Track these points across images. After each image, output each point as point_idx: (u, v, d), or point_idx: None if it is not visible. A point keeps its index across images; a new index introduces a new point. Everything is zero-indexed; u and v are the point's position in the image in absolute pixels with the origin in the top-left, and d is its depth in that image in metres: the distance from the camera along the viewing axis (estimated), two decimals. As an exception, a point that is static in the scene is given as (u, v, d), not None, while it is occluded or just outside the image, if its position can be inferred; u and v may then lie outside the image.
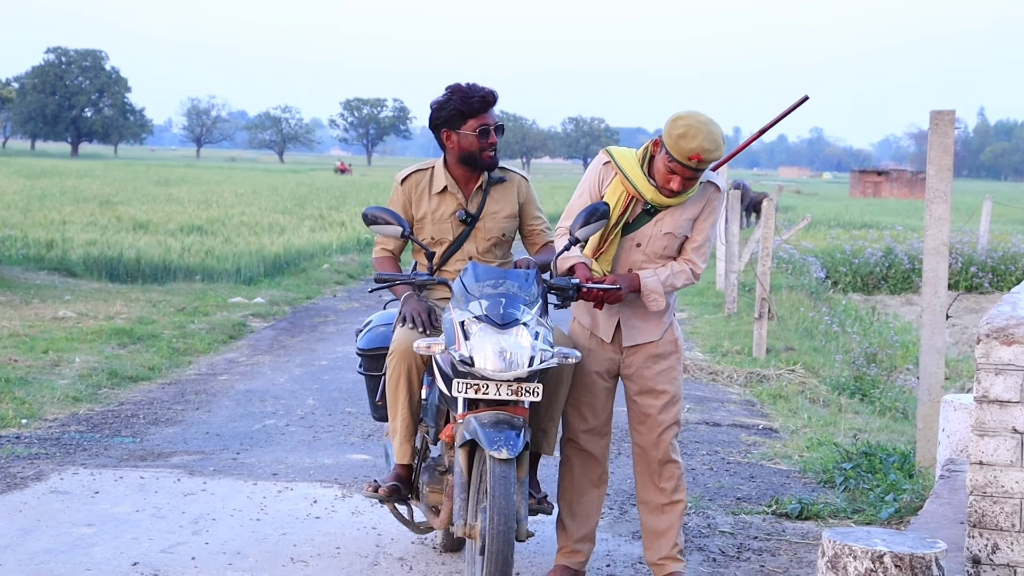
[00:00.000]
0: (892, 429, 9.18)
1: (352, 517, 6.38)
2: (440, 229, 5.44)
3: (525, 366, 4.59)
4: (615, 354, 5.23)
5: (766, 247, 13.27)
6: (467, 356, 4.60)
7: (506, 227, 5.48)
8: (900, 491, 6.77)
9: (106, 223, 24.04)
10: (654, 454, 5.24)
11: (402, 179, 5.51)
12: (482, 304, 4.71)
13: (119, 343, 11.71)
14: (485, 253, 5.46)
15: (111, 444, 7.93)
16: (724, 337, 13.90)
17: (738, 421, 9.44)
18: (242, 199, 35.98)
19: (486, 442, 4.49)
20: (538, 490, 5.29)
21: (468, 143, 5.33)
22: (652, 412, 5.21)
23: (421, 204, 5.46)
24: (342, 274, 19.86)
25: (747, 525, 6.54)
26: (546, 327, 4.78)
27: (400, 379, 5.14)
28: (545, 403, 5.06)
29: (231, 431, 8.44)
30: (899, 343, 14.51)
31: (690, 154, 4.83)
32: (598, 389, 5.25)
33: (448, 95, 5.32)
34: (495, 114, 5.38)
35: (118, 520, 6.17)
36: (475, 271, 4.91)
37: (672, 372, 5.22)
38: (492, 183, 5.47)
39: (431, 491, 5.19)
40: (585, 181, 5.24)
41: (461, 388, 4.68)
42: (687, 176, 4.93)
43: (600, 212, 4.95)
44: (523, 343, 4.61)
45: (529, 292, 4.82)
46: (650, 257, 5.12)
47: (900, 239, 27.53)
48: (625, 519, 6.56)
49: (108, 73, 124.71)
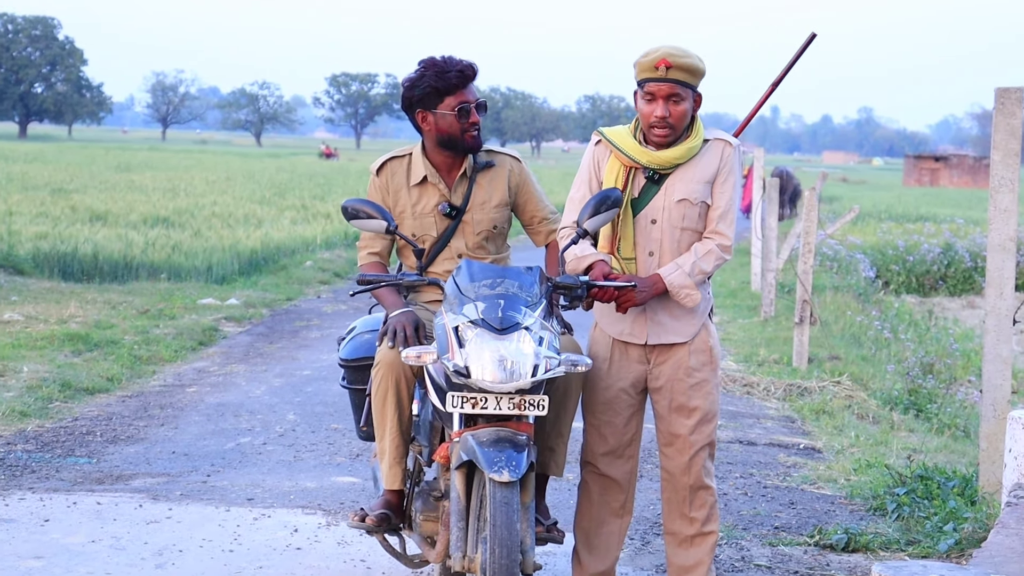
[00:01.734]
0: (952, 449, 9.17)
1: (338, 548, 6.37)
2: (422, 225, 5.43)
3: (528, 376, 4.58)
4: (642, 364, 5.22)
5: (808, 243, 13.26)
6: (462, 366, 4.59)
7: (497, 217, 5.47)
8: (961, 520, 6.76)
9: (59, 214, 24.06)
10: (684, 479, 5.23)
11: (377, 168, 5.51)
12: (478, 307, 4.70)
13: (73, 350, 11.71)
14: (476, 249, 5.45)
15: (63, 465, 7.93)
16: (760, 344, 13.89)
17: (776, 440, 9.43)
18: (214, 187, 36.02)
19: (485, 463, 4.48)
20: (547, 516, 5.28)
21: (446, 124, 5.33)
22: (683, 432, 5.20)
23: (400, 197, 5.45)
24: (327, 272, 19.89)
25: (786, 558, 6.53)
26: (551, 331, 4.77)
27: (388, 394, 5.13)
28: (552, 418, 5.05)
29: (201, 450, 8.45)
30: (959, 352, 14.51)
31: (655, 62, 5.00)
32: (622, 406, 5.24)
33: (421, 71, 5.33)
34: (475, 90, 5.38)
35: (71, 552, 6.16)
36: (469, 269, 4.89)
37: (707, 386, 5.21)
38: (478, 169, 5.47)
39: (425, 519, 5.18)
40: (582, 169, 5.29)
41: (456, 402, 4.67)
42: (665, 94, 5.01)
43: (612, 200, 4.97)
44: (525, 350, 4.60)
45: (531, 292, 4.81)
46: (669, 233, 5.12)
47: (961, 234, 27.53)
48: (647, 550, 6.55)
49: (61, 44, 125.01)
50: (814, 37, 5.77)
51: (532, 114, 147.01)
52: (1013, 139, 7.13)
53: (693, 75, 5.04)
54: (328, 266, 20.45)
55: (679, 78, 5.01)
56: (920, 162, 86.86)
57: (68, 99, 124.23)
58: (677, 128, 5.07)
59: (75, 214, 24.30)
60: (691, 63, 5.02)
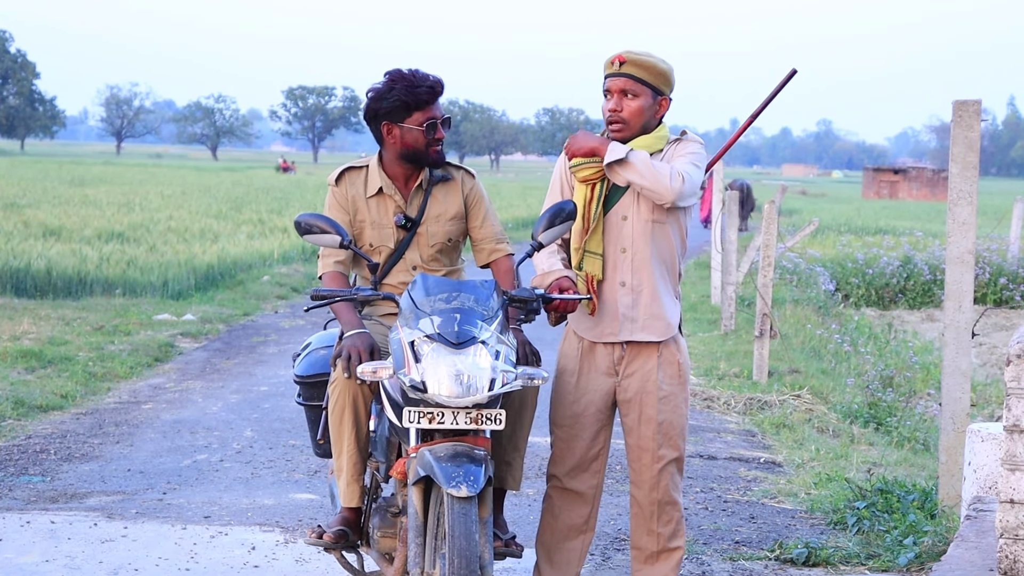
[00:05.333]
0: (911, 463, 9.22)
1: (296, 566, 6.35)
2: (381, 236, 5.44)
3: (485, 390, 4.58)
4: (611, 376, 5.25)
5: (768, 256, 13.32)
6: (418, 381, 4.58)
7: (452, 230, 5.49)
8: (921, 533, 6.80)
9: (11, 229, 23.87)
10: (653, 494, 5.25)
11: (335, 179, 5.51)
12: (434, 321, 4.69)
13: (26, 367, 11.63)
14: (430, 261, 5.47)
15: (16, 484, 7.87)
16: (720, 358, 13.93)
17: (736, 454, 9.46)
18: (169, 201, 35.85)
19: (443, 478, 4.48)
20: (505, 531, 5.29)
21: (413, 138, 5.34)
22: (651, 446, 5.23)
23: (359, 207, 5.46)
24: (284, 287, 19.82)
25: (747, 572, 6.55)
26: (508, 345, 4.78)
27: (344, 411, 5.12)
28: (508, 432, 5.06)
29: (156, 468, 8.40)
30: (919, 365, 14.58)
31: (612, 59, 5.19)
32: (590, 419, 5.27)
33: (390, 83, 5.33)
34: (441, 105, 5.40)
35: (24, 571, 6.12)
36: (424, 283, 4.89)
37: (675, 399, 5.25)
38: (434, 182, 5.49)
39: (383, 536, 5.17)
40: (553, 181, 5.40)
41: (413, 417, 4.66)
42: (619, 88, 5.16)
43: (566, 212, 5.08)
44: (482, 364, 4.60)
45: (487, 306, 4.81)
46: (640, 227, 5.19)
47: (920, 246, 27.69)
48: (608, 566, 6.56)
49: (13, 57, 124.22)
50: (794, 73, 5.85)
51: (491, 127, 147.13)
52: (971, 152, 7.19)
53: (648, 72, 5.14)
54: (285, 281, 20.38)
55: (632, 73, 5.13)
56: (879, 175, 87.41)
57: (20, 113, 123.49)
58: (630, 123, 5.17)
59: (28, 229, 24.11)
60: (646, 60, 5.14)
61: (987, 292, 22.91)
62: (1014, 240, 26.53)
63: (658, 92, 5.19)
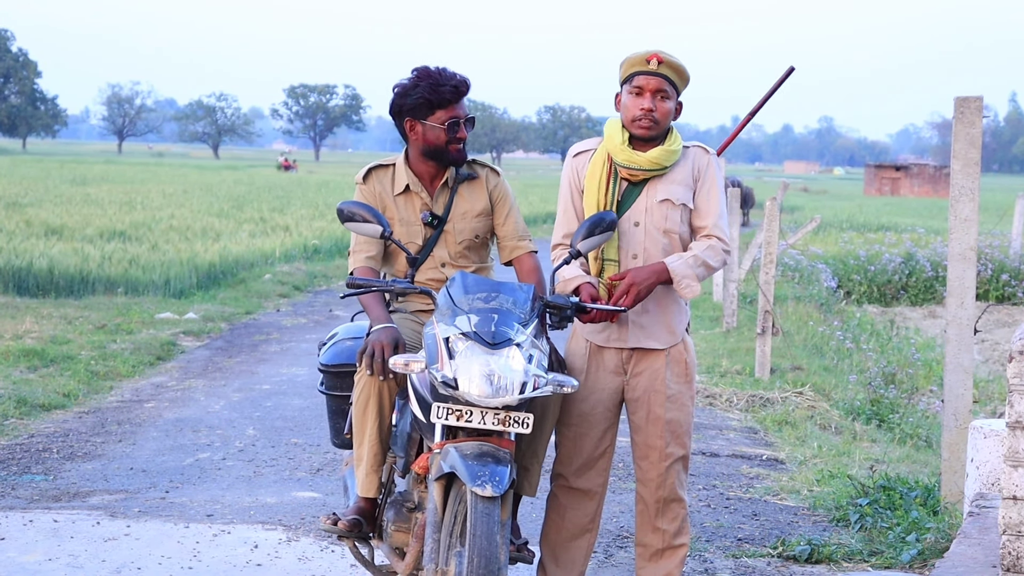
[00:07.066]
0: (914, 460, 9.21)
1: (298, 564, 6.36)
2: (409, 233, 5.45)
3: (516, 393, 4.56)
4: (618, 375, 5.25)
5: (769, 253, 13.32)
6: (451, 377, 4.57)
7: (478, 227, 5.50)
8: (923, 530, 6.80)
9: (13, 228, 23.88)
10: (659, 491, 5.25)
11: (363, 177, 5.52)
12: (471, 319, 4.68)
13: (28, 366, 11.64)
14: (458, 258, 5.48)
15: (19, 483, 7.88)
16: (722, 355, 13.93)
17: (739, 451, 9.46)
18: (171, 200, 35.87)
19: (468, 477, 4.47)
20: (518, 536, 5.28)
21: (435, 136, 5.36)
22: (658, 444, 5.23)
23: (387, 205, 5.47)
24: (286, 286, 19.82)
25: (750, 570, 6.56)
26: (541, 350, 4.76)
27: (369, 401, 5.14)
28: (529, 437, 5.05)
29: (159, 466, 8.41)
30: (921, 361, 14.57)
31: (647, 56, 5.12)
32: (597, 418, 5.26)
33: (415, 80, 5.34)
34: (466, 105, 5.40)
35: (27, 570, 6.12)
36: (464, 281, 4.89)
37: (682, 398, 5.25)
38: (460, 180, 5.50)
39: (397, 530, 5.17)
40: (563, 184, 5.35)
41: (441, 413, 4.64)
42: (654, 88, 5.11)
43: (607, 223, 5.03)
44: (515, 366, 4.58)
45: (524, 309, 4.80)
46: (652, 235, 5.16)
47: (922, 243, 27.68)
48: (611, 563, 6.56)
49: (14, 56, 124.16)
50: (792, 71, 5.86)
51: (492, 125, 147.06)
52: (973, 148, 7.19)
53: (679, 75, 5.14)
54: (287, 279, 20.39)
55: (668, 74, 5.10)
56: (881, 171, 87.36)
57: (22, 112, 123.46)
58: (661, 124, 5.13)
59: (30, 228, 24.13)
60: (679, 64, 5.13)
61: (989, 288, 22.89)
62: (1016, 236, 26.52)
63: (679, 96, 5.20)
